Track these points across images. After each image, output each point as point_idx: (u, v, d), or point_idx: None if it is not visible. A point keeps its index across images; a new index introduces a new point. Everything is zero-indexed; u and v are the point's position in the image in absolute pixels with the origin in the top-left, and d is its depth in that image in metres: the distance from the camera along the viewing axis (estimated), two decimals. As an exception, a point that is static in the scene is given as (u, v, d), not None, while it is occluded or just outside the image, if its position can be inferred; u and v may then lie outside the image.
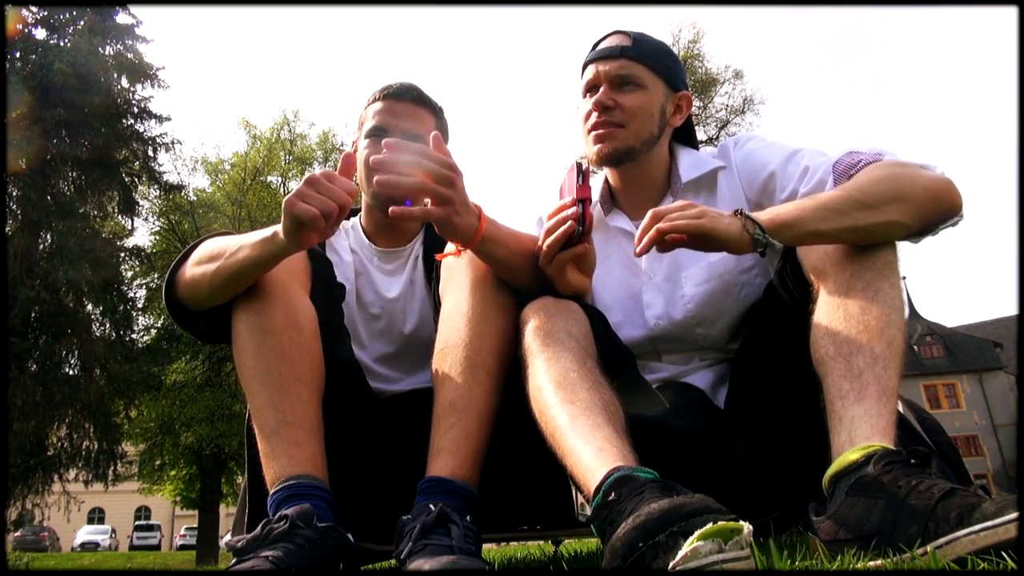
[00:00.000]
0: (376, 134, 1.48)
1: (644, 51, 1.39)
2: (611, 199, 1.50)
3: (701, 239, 1.02)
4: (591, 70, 1.41)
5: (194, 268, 1.18)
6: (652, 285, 1.41)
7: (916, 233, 1.11)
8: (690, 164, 1.44)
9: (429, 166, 1.07)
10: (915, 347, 30.28)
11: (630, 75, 1.37)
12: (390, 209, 1.08)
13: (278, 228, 1.07)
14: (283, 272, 1.17)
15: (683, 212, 1.03)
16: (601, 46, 1.42)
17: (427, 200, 1.10)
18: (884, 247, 1.06)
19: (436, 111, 1.56)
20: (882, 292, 1.02)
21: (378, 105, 1.52)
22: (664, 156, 1.45)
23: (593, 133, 1.39)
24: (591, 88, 1.41)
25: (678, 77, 1.44)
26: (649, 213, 1.05)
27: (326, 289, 1.29)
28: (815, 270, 1.10)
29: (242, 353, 1.13)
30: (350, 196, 1.04)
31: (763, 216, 1.04)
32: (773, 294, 1.25)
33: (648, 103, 1.38)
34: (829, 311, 1.03)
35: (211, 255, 1.16)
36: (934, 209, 1.09)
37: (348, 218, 1.64)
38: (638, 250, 1.05)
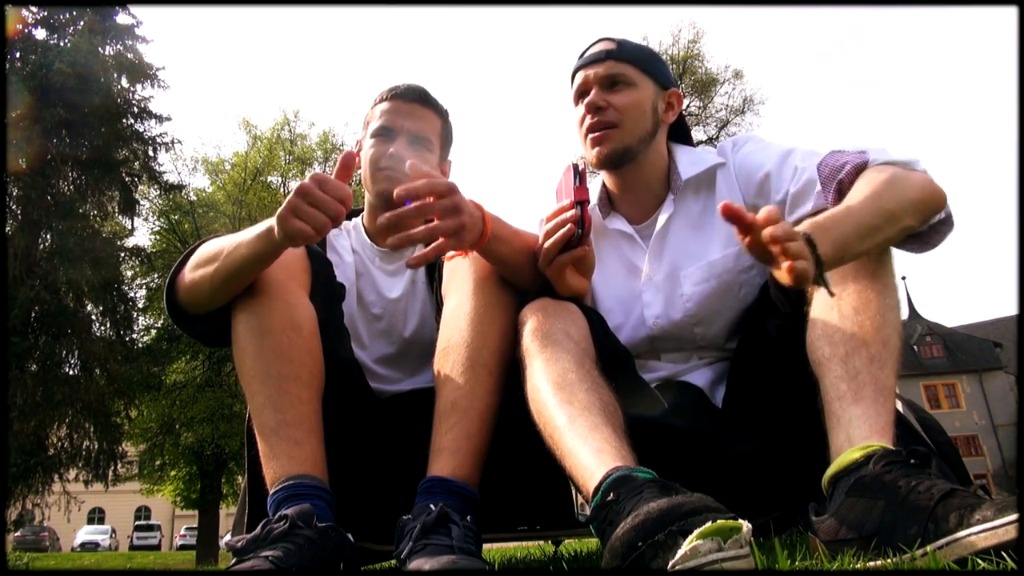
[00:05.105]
0: (382, 134, 1.49)
1: (630, 52, 1.41)
2: (608, 202, 1.50)
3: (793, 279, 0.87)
4: (580, 76, 1.42)
5: (193, 272, 1.19)
6: (651, 285, 1.42)
7: (913, 238, 1.11)
8: (689, 162, 1.43)
9: (436, 204, 1.05)
10: (915, 347, 30.26)
11: (619, 75, 1.38)
12: (406, 262, 1.10)
13: (273, 223, 1.08)
14: (282, 272, 1.17)
15: (792, 248, 0.86)
16: (587, 53, 1.44)
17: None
18: None
19: (442, 113, 1.56)
20: (877, 292, 1.02)
21: (384, 105, 1.51)
22: (662, 156, 1.45)
23: (590, 136, 1.39)
24: (582, 93, 1.42)
25: (665, 75, 1.45)
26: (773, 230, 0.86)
27: (326, 289, 1.29)
28: None
29: (242, 353, 1.13)
30: (344, 204, 1.04)
31: (821, 247, 0.91)
32: (769, 295, 1.25)
33: (639, 100, 1.38)
34: (824, 312, 1.03)
35: (209, 257, 1.16)
36: (931, 210, 1.10)
37: (350, 218, 1.64)
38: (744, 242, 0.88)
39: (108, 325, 12.95)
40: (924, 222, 1.10)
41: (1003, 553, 0.68)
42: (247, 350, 1.12)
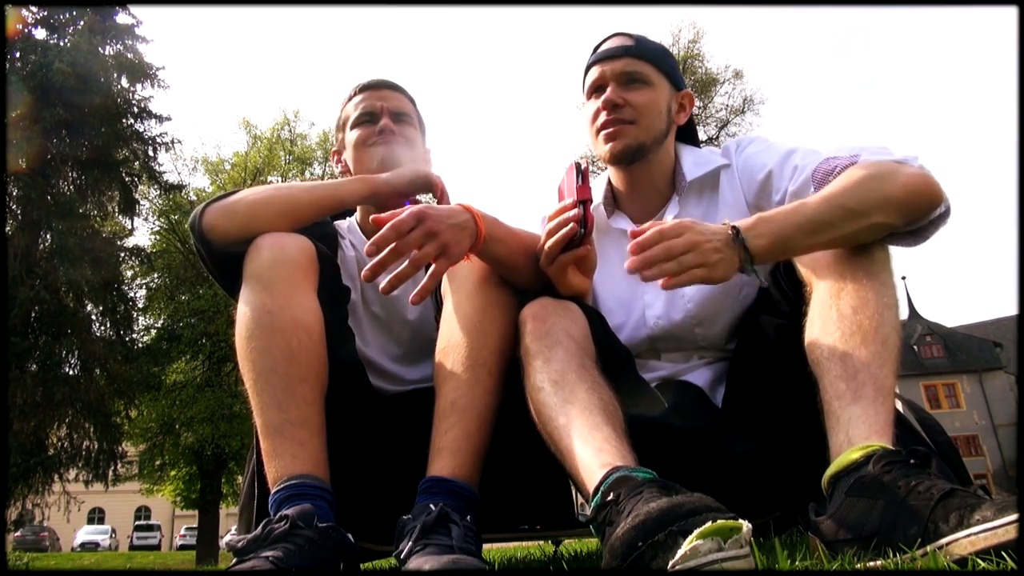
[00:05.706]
0: (365, 119, 1.52)
1: (648, 50, 1.40)
2: (613, 200, 1.50)
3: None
4: (596, 71, 1.40)
5: (254, 194, 1.27)
6: (653, 285, 1.41)
7: (909, 234, 1.11)
8: (694, 162, 1.43)
9: (409, 240, 1.05)
10: (915, 347, 30.23)
11: (637, 72, 1.37)
12: (410, 299, 1.09)
13: (362, 177, 1.34)
14: (294, 271, 1.17)
15: (684, 260, 0.99)
16: (604, 47, 1.42)
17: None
18: (875, 246, 1.07)
19: (411, 98, 1.61)
20: (874, 291, 1.02)
21: (357, 98, 1.56)
22: (670, 155, 1.45)
23: (603, 132, 1.37)
24: (597, 89, 1.40)
25: (679, 76, 1.45)
26: (653, 232, 1.01)
27: (332, 290, 1.29)
28: (807, 271, 1.10)
29: (248, 348, 1.12)
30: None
31: (755, 240, 1.02)
32: (768, 294, 1.25)
33: (656, 100, 1.38)
34: (822, 312, 1.04)
35: (280, 187, 1.31)
36: (915, 205, 1.08)
37: (344, 217, 1.64)
38: (628, 266, 1.00)
39: (108, 325, 12.94)
40: (910, 219, 1.09)
41: (1003, 553, 0.68)
42: (254, 346, 1.11)
